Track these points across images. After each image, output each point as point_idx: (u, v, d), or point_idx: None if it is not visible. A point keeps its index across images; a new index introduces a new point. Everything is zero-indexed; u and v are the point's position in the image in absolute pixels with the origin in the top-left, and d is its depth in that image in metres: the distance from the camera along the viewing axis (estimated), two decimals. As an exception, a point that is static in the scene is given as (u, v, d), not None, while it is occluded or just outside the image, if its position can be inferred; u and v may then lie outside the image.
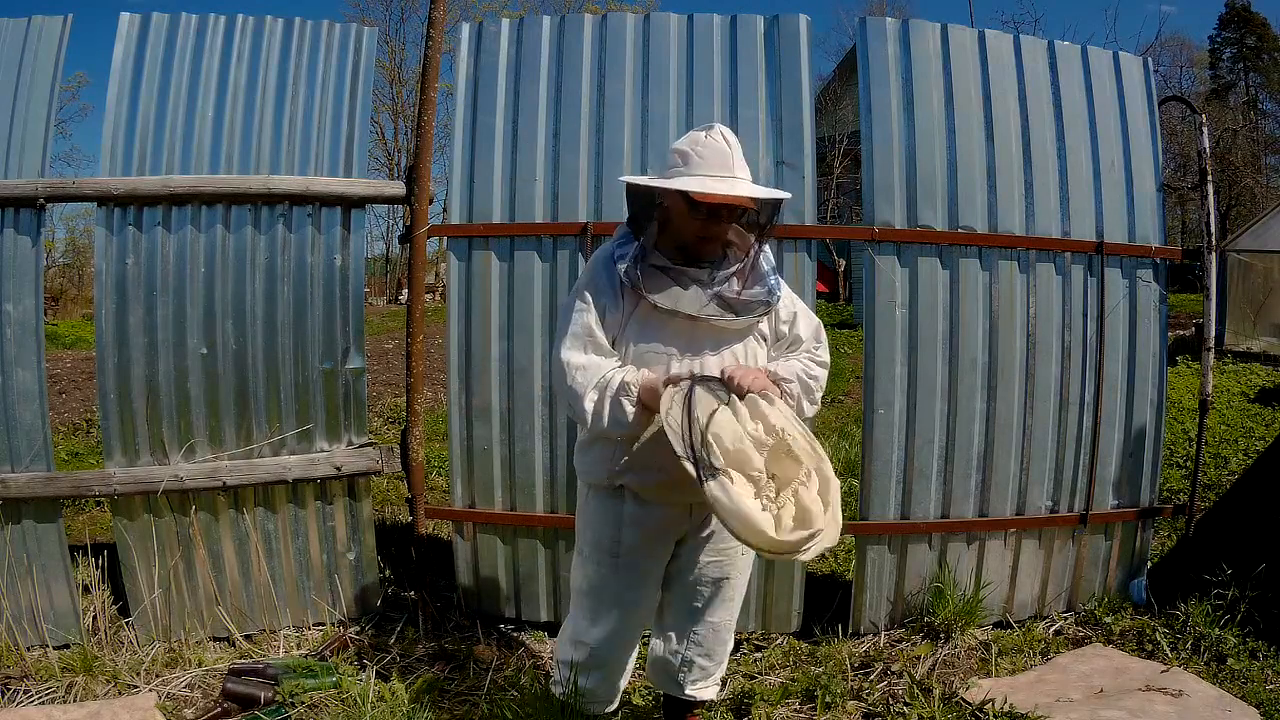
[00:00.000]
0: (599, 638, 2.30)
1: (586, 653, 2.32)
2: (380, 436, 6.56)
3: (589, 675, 2.34)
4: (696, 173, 2.04)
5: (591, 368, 2.09)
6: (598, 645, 2.31)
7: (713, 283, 2.12)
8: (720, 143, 2.06)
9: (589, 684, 2.34)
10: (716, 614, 2.37)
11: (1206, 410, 3.65)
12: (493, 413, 3.31)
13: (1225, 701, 2.73)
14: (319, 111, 3.32)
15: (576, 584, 2.37)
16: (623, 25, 3.37)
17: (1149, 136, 3.50)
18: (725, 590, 2.35)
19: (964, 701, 2.78)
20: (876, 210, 3.30)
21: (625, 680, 2.45)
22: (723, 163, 2.04)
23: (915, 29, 3.37)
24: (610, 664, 2.35)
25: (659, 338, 2.13)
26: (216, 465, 3.19)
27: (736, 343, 2.18)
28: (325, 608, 3.38)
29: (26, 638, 3.09)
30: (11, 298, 3.05)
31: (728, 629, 2.43)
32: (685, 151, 2.07)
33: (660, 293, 2.10)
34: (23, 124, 3.11)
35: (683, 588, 2.34)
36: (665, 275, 2.12)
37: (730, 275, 2.14)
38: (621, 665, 2.39)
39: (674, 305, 2.09)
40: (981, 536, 3.40)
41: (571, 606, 2.41)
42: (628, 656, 2.40)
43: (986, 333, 3.34)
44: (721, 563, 2.31)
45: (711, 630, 2.39)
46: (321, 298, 3.28)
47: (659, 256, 2.14)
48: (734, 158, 2.05)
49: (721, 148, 2.05)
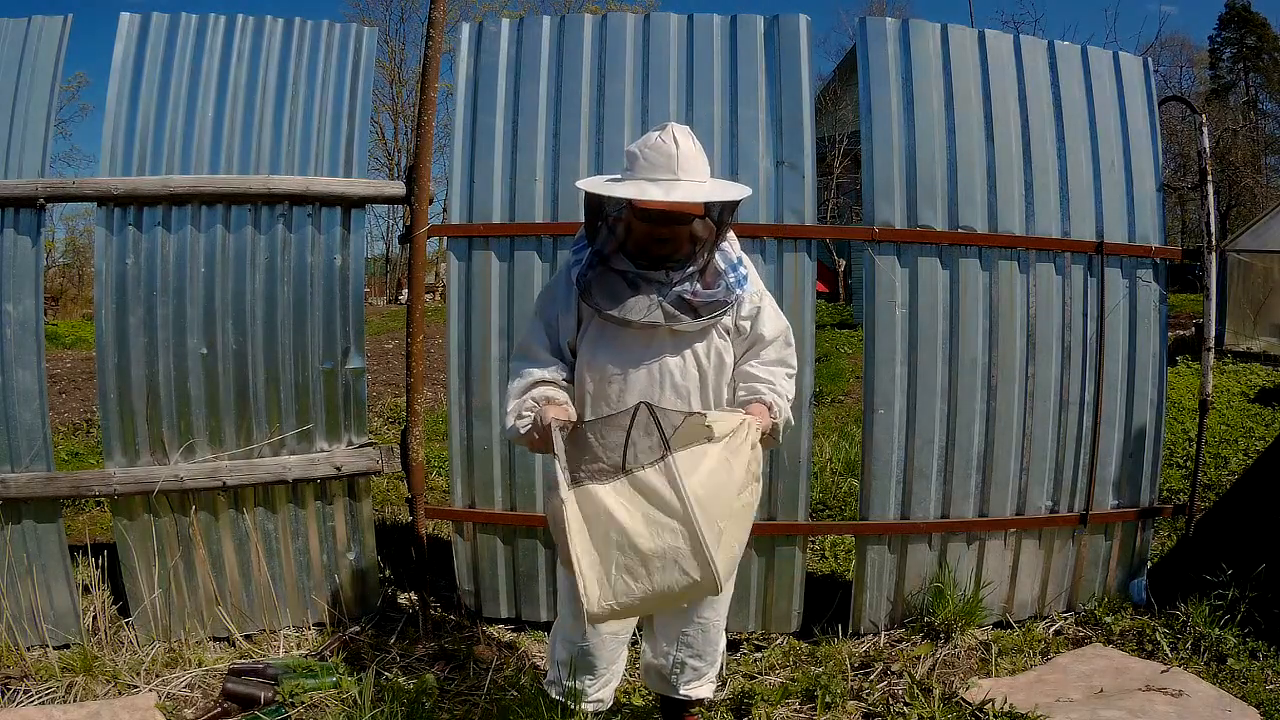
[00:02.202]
0: (587, 638, 2.30)
1: (576, 652, 2.32)
2: (380, 436, 6.56)
3: (579, 676, 2.34)
4: (640, 176, 2.02)
5: (523, 377, 2.17)
6: (586, 646, 2.31)
7: (671, 284, 2.11)
8: (668, 144, 2.02)
9: (579, 684, 2.34)
10: (704, 614, 2.37)
11: (1206, 410, 3.65)
12: (493, 413, 3.30)
13: (1225, 701, 2.73)
14: (319, 111, 3.32)
15: (565, 585, 2.37)
16: (623, 25, 3.37)
17: (1149, 136, 3.50)
18: None
19: (964, 701, 2.78)
20: (876, 210, 3.30)
21: (618, 680, 2.45)
22: (667, 165, 2.01)
23: (915, 29, 3.37)
24: (599, 664, 2.35)
25: (615, 343, 2.15)
26: (216, 465, 3.19)
27: (699, 342, 2.17)
28: (325, 608, 3.38)
29: (26, 638, 3.09)
30: (11, 298, 3.05)
31: (717, 628, 2.43)
32: (633, 153, 2.06)
33: (609, 300, 2.10)
34: (23, 124, 3.11)
35: None
36: (622, 280, 2.12)
37: (689, 275, 2.12)
38: (611, 666, 2.39)
39: (620, 314, 2.09)
40: (981, 536, 3.40)
41: (560, 607, 2.42)
42: (618, 657, 2.40)
43: (986, 333, 3.34)
44: None
45: (700, 630, 2.38)
46: (321, 298, 3.28)
47: (621, 260, 2.14)
48: (680, 159, 2.01)
49: (668, 149, 2.02)
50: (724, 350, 2.21)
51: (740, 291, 2.18)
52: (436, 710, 2.73)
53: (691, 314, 2.11)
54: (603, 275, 2.13)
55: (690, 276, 2.12)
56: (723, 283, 2.15)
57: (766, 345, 2.25)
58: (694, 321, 2.11)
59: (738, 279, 2.18)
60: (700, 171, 2.06)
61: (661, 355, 2.15)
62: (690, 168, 2.03)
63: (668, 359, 2.15)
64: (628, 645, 2.44)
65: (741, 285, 2.18)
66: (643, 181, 2.01)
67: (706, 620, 2.38)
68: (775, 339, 2.26)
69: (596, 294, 2.12)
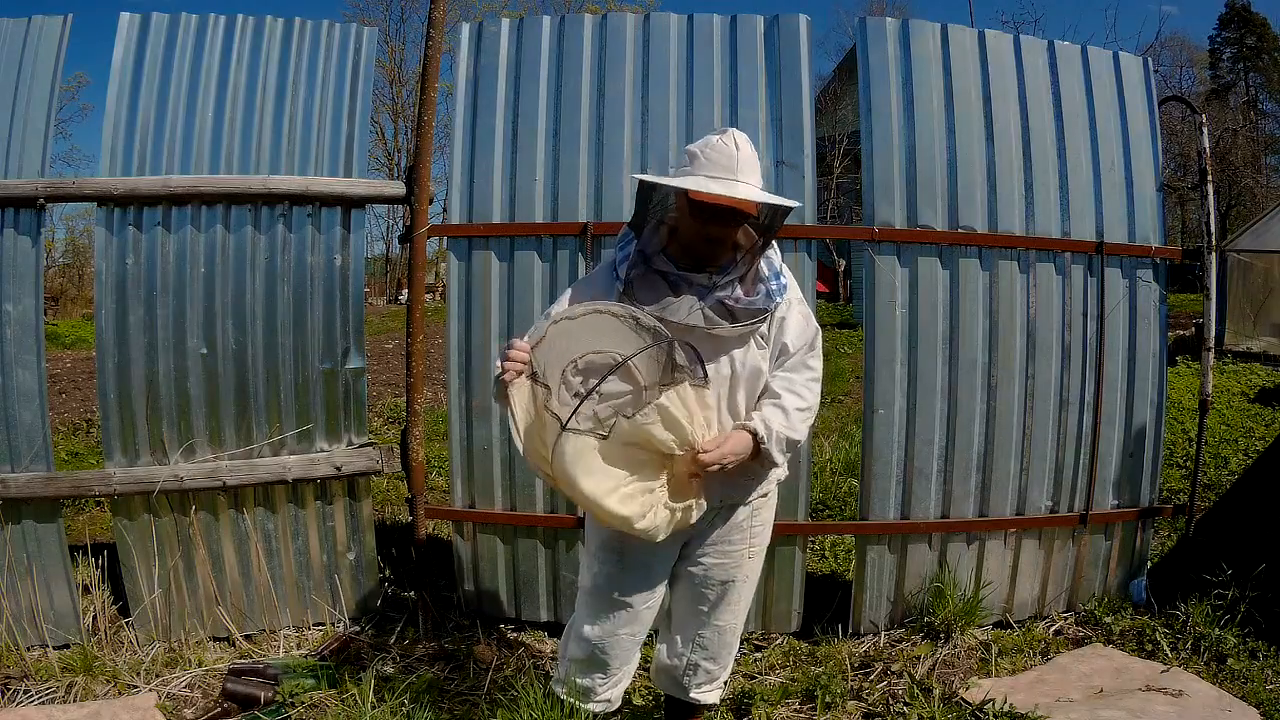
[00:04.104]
0: (602, 636, 2.30)
1: (590, 650, 2.32)
2: (380, 436, 6.56)
3: (591, 674, 2.34)
4: (699, 173, 2.03)
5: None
6: (601, 644, 2.31)
7: (714, 289, 2.11)
8: (729, 146, 2.04)
9: (590, 682, 2.34)
10: (722, 618, 2.36)
11: (1206, 410, 3.65)
12: (492, 413, 3.31)
13: (1225, 701, 2.73)
14: (319, 111, 3.32)
15: (583, 582, 2.36)
16: (623, 25, 3.37)
17: (1149, 136, 3.50)
18: (731, 594, 2.34)
19: (964, 701, 2.78)
20: (876, 210, 3.30)
21: (628, 681, 2.44)
22: (728, 165, 2.02)
23: (915, 29, 3.37)
24: (613, 663, 2.34)
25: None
26: (216, 465, 3.19)
27: (736, 349, 2.16)
28: (325, 608, 3.38)
29: (26, 638, 3.09)
30: (11, 298, 3.05)
31: (733, 633, 2.42)
32: (694, 152, 2.07)
33: (651, 300, 2.09)
34: (23, 124, 3.11)
35: (688, 590, 2.34)
36: (664, 280, 2.12)
37: (732, 281, 2.12)
38: (624, 665, 2.38)
39: (661, 313, 2.07)
40: (981, 536, 3.40)
41: (577, 604, 2.41)
42: (632, 657, 2.39)
43: (986, 333, 3.34)
44: (727, 565, 2.30)
45: (717, 634, 2.38)
46: (321, 298, 3.28)
47: (663, 260, 2.14)
48: (740, 161, 2.03)
49: (729, 150, 2.03)
50: (760, 359, 2.19)
51: (780, 300, 2.17)
52: (436, 710, 2.73)
53: (730, 319, 2.10)
54: (645, 274, 2.13)
55: (732, 282, 2.12)
56: (763, 289, 2.15)
57: (790, 355, 2.23)
58: (732, 328, 2.10)
59: (778, 287, 2.17)
60: (756, 178, 2.07)
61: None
62: (748, 171, 2.05)
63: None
64: (641, 646, 2.42)
65: (781, 294, 2.17)
66: (703, 178, 2.02)
67: (724, 625, 2.38)
68: (799, 348, 2.23)
69: (639, 291, 2.11)
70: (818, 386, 2.24)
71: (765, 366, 2.20)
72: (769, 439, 2.10)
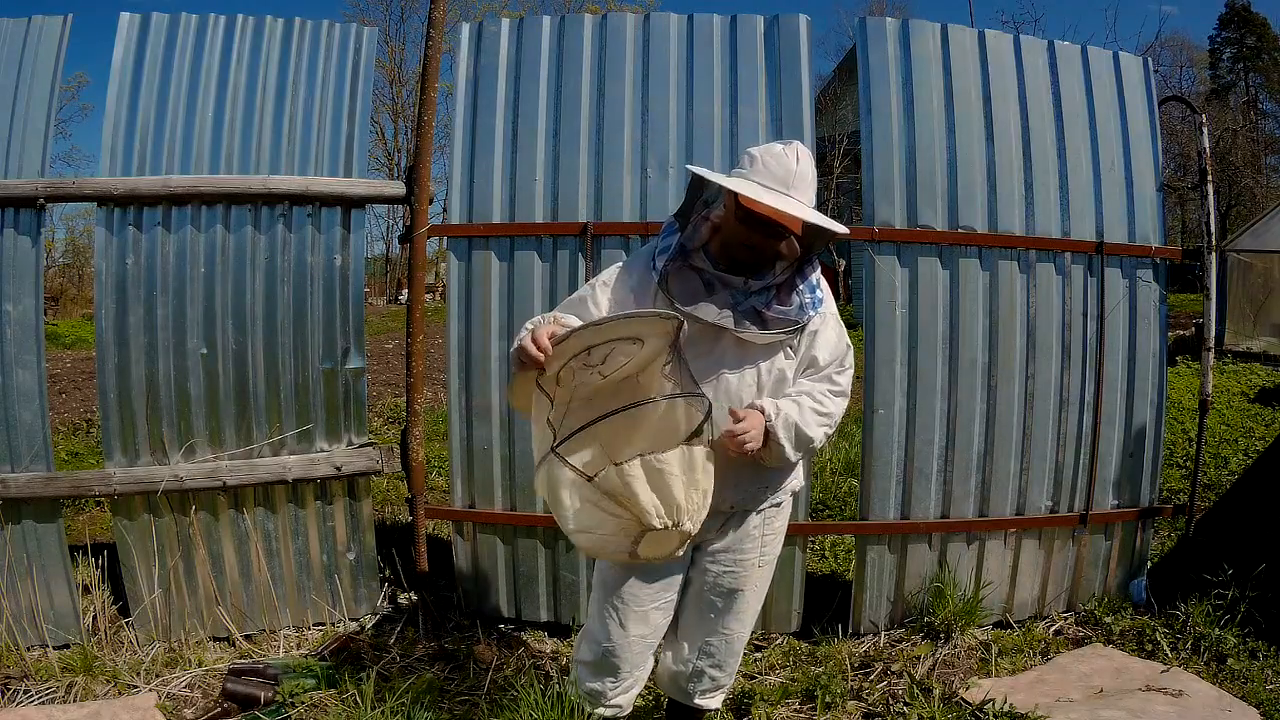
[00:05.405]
0: (612, 639, 2.28)
1: (600, 653, 2.30)
2: (380, 436, 6.55)
3: (601, 678, 2.32)
4: (754, 179, 2.01)
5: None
6: (611, 646, 2.29)
7: (749, 294, 2.09)
8: (789, 159, 2.01)
9: (600, 686, 2.33)
10: (730, 625, 2.35)
11: (1206, 410, 3.65)
12: (493, 413, 3.31)
13: (1225, 701, 2.73)
14: (319, 111, 3.32)
15: (597, 586, 2.35)
16: (623, 25, 3.37)
17: (1149, 136, 3.50)
18: (739, 602, 2.33)
19: (964, 701, 2.78)
20: (876, 210, 3.30)
21: (640, 687, 2.41)
22: (784, 177, 2.00)
23: (915, 29, 3.37)
24: (623, 667, 2.32)
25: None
26: (216, 465, 3.19)
27: (763, 359, 2.14)
28: (325, 608, 3.38)
29: (26, 638, 3.09)
30: (11, 298, 3.05)
31: (740, 641, 2.41)
32: (754, 155, 2.05)
33: (685, 295, 2.08)
34: (23, 124, 3.11)
35: (697, 596, 2.33)
36: (699, 278, 2.11)
37: (767, 288, 2.11)
38: (635, 671, 2.35)
39: (693, 310, 2.06)
40: (981, 536, 3.40)
41: (591, 607, 2.39)
42: (644, 662, 2.37)
43: (986, 333, 3.34)
44: (736, 573, 2.29)
45: (724, 641, 2.37)
46: (321, 298, 3.28)
47: (701, 258, 2.13)
48: (797, 176, 2.00)
49: (789, 164, 2.01)
50: (786, 369, 2.17)
51: (813, 313, 2.15)
52: (436, 710, 2.73)
53: (761, 325, 2.09)
54: (682, 269, 2.12)
55: (768, 289, 2.11)
56: (797, 300, 2.13)
57: (820, 369, 2.20)
58: (760, 333, 2.09)
59: (813, 300, 2.16)
60: (809, 195, 2.05)
61: (720, 369, 2.12)
62: (802, 188, 2.02)
63: (726, 373, 2.12)
64: (653, 652, 2.40)
65: (815, 307, 2.15)
66: (756, 185, 2.00)
67: (731, 632, 2.37)
68: (829, 363, 2.20)
69: (674, 285, 2.10)
70: (842, 402, 2.20)
71: (790, 377, 2.18)
72: (775, 418, 2.06)
